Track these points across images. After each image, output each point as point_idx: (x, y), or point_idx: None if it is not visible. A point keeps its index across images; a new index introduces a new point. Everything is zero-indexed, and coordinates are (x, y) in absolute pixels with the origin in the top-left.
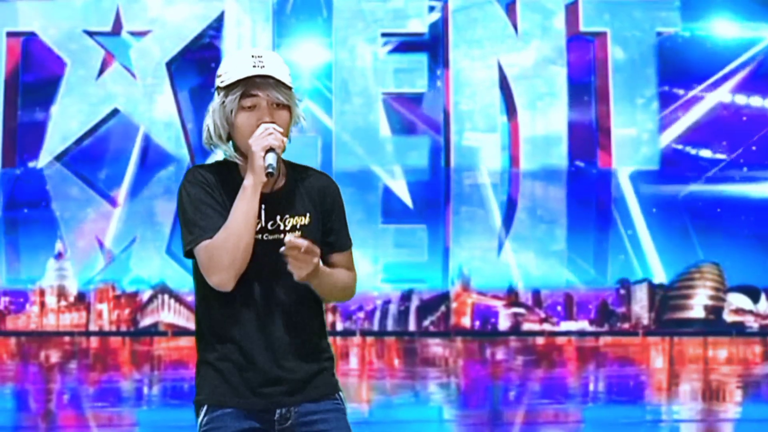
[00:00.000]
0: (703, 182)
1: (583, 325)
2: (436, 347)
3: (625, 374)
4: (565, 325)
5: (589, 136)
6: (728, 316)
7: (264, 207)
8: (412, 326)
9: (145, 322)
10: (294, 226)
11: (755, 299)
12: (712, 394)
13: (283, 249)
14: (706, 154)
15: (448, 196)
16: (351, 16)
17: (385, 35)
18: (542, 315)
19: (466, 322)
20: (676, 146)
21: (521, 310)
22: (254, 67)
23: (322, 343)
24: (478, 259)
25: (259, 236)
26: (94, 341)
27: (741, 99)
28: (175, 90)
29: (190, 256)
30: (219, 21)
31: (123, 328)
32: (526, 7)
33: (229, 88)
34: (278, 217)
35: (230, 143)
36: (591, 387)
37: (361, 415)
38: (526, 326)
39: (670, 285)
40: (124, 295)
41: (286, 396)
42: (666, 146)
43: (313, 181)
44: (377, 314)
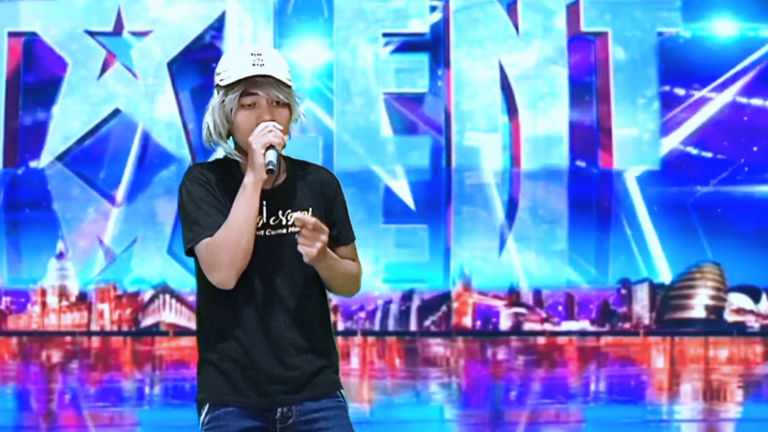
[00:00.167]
0: (704, 182)
1: (584, 324)
2: (437, 347)
3: (626, 374)
4: (566, 325)
5: (590, 136)
6: (729, 316)
7: (265, 203)
8: (413, 326)
9: (147, 322)
10: None
11: (756, 299)
12: (713, 394)
13: (295, 216)
14: (707, 154)
15: (449, 196)
16: (352, 16)
17: (386, 35)
18: (543, 315)
19: (467, 322)
20: (677, 146)
21: (522, 310)
22: (254, 65)
23: (325, 340)
24: (480, 259)
25: (262, 232)
26: (96, 341)
27: (743, 100)
28: (177, 90)
29: (192, 254)
30: (220, 21)
31: (124, 328)
32: (527, 7)
33: (229, 87)
34: (280, 213)
35: (230, 141)
36: (592, 387)
37: (363, 415)
38: (528, 326)
39: (671, 285)
40: (126, 295)
41: (288, 394)
42: (667, 146)
43: (314, 176)
44: (378, 314)
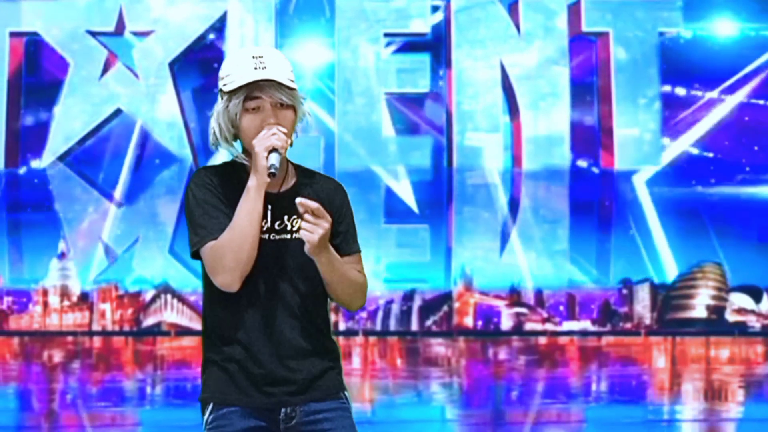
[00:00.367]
0: (705, 183)
1: (586, 324)
2: (438, 347)
3: (628, 374)
4: (568, 325)
5: (591, 136)
6: (730, 316)
7: (271, 207)
8: (414, 326)
9: (148, 321)
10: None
11: (757, 299)
12: (714, 394)
13: (299, 200)
14: (708, 154)
15: (451, 196)
16: (354, 17)
17: (387, 35)
18: (545, 315)
19: (468, 321)
20: (679, 146)
21: (524, 310)
22: (256, 69)
23: (328, 342)
24: (481, 259)
25: (266, 236)
26: (97, 341)
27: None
28: (178, 90)
29: (197, 257)
30: (222, 21)
31: (126, 328)
32: (529, 8)
33: (233, 92)
34: (285, 217)
35: (237, 144)
36: (593, 387)
37: (364, 415)
38: (529, 326)
39: (672, 285)
40: (127, 295)
41: (291, 395)
42: (673, 148)
43: (322, 185)
44: (380, 314)
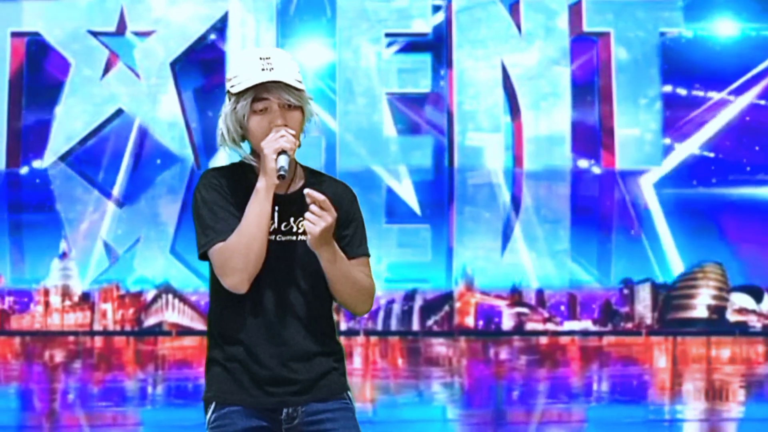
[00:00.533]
0: (707, 183)
1: (587, 324)
2: (439, 347)
3: (629, 374)
4: (569, 325)
5: (592, 136)
6: (731, 316)
7: (278, 208)
8: (415, 326)
9: (150, 321)
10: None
11: (758, 299)
12: (715, 394)
13: (307, 191)
14: (709, 154)
15: (452, 196)
16: (355, 17)
17: (388, 35)
18: (546, 315)
19: (469, 321)
20: (680, 146)
21: (525, 310)
22: (263, 70)
23: (332, 343)
24: (482, 259)
25: (273, 237)
26: (99, 341)
27: (744, 100)
28: (179, 90)
29: (205, 258)
30: (223, 21)
31: (127, 328)
32: (530, 8)
33: (240, 93)
34: (292, 219)
35: (245, 145)
36: (594, 386)
37: (365, 415)
38: (530, 326)
39: (673, 285)
40: (129, 295)
41: (294, 396)
42: (669, 147)
43: (330, 188)
44: (381, 314)
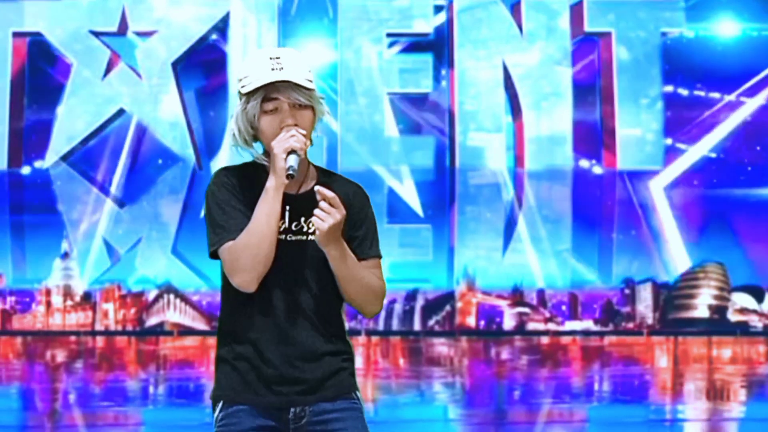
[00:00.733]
0: (708, 182)
1: (588, 324)
2: (441, 347)
3: (630, 374)
4: (570, 325)
5: (593, 136)
6: (732, 316)
7: (289, 208)
8: (417, 326)
9: (151, 321)
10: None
11: (759, 299)
12: (717, 394)
13: (317, 188)
14: (711, 154)
15: (453, 196)
16: (356, 17)
17: (390, 35)
18: (547, 314)
19: (471, 321)
20: (681, 146)
21: (526, 310)
22: (273, 70)
23: (341, 343)
24: (483, 259)
25: (283, 236)
26: (100, 341)
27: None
28: (181, 90)
29: (215, 257)
30: (224, 21)
31: (129, 328)
32: (531, 8)
33: (250, 94)
34: (302, 219)
35: (257, 146)
36: (595, 386)
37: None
38: (531, 326)
39: (674, 285)
40: (130, 295)
41: (302, 395)
42: (670, 146)
43: (342, 188)
44: (382, 314)
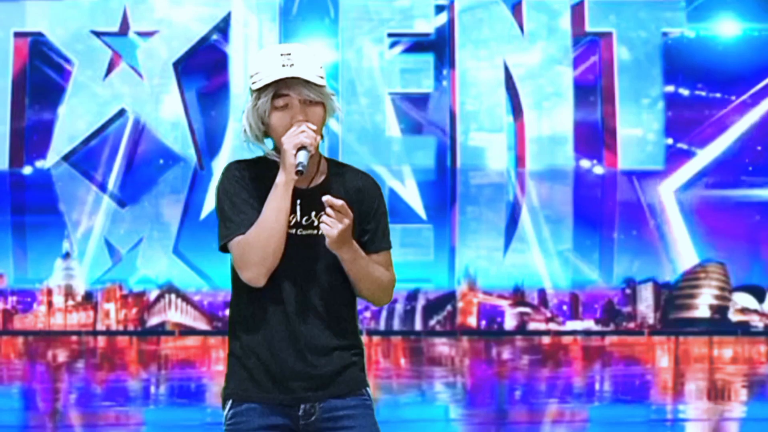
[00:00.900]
0: (709, 182)
1: (589, 324)
2: (442, 346)
3: (631, 373)
4: (571, 325)
5: (594, 136)
6: (733, 316)
7: (300, 202)
8: (418, 326)
9: (152, 321)
10: None
11: (760, 299)
12: (718, 394)
13: (325, 199)
14: (712, 154)
15: (454, 196)
16: (358, 17)
17: (391, 35)
18: (548, 314)
19: (472, 321)
20: (682, 146)
21: (527, 310)
22: (284, 66)
23: (352, 337)
24: (484, 259)
25: (293, 231)
26: (102, 340)
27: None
28: (182, 90)
29: (225, 250)
30: (226, 21)
31: (130, 328)
32: (532, 8)
33: (261, 90)
34: (313, 213)
35: (268, 142)
36: (597, 386)
37: None
38: (532, 326)
39: (675, 284)
40: (131, 295)
41: (312, 391)
42: (671, 146)
43: (353, 181)
44: (383, 314)
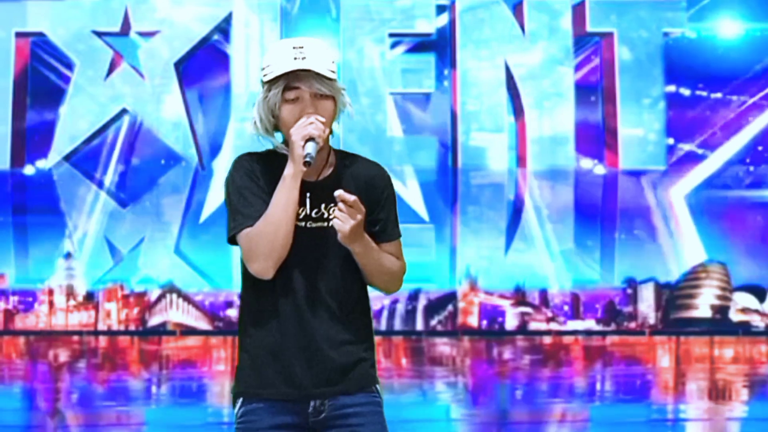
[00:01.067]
0: (710, 182)
1: (590, 324)
2: (443, 346)
3: (632, 373)
4: (572, 325)
5: (596, 136)
6: (734, 316)
7: (309, 195)
8: (419, 326)
9: (154, 321)
10: None
11: (761, 299)
12: (719, 393)
13: (337, 194)
14: (713, 154)
15: (456, 195)
16: (359, 17)
17: (392, 35)
18: (549, 314)
19: (473, 321)
20: (683, 146)
21: (528, 310)
22: (295, 59)
23: (363, 332)
24: (485, 259)
25: (303, 224)
26: (103, 340)
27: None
28: (183, 90)
29: (233, 242)
30: (227, 21)
31: (131, 328)
32: (533, 8)
33: (272, 82)
34: (323, 206)
35: (278, 135)
36: (598, 386)
37: None
38: (533, 325)
39: (676, 284)
40: (133, 295)
41: (321, 386)
42: (673, 146)
43: (362, 171)
44: (385, 313)
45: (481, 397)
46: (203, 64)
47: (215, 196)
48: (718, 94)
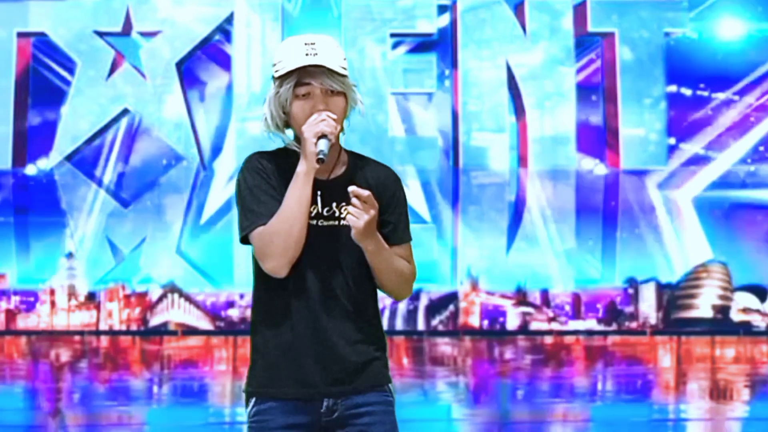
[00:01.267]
0: (711, 182)
1: (591, 324)
2: (444, 346)
3: (633, 373)
4: (573, 325)
5: (597, 136)
6: (735, 316)
7: (321, 193)
8: (420, 325)
9: (155, 321)
10: None
11: (762, 298)
12: (720, 393)
13: (351, 189)
14: (714, 154)
15: (457, 195)
16: (360, 17)
17: (394, 36)
18: (550, 314)
19: (474, 321)
20: (684, 146)
21: (529, 310)
22: (307, 55)
23: (375, 331)
24: (487, 259)
25: (315, 222)
26: (104, 340)
27: (749, 100)
28: (185, 90)
29: (246, 242)
30: (228, 21)
31: (133, 328)
32: (535, 8)
33: (284, 78)
34: (334, 204)
35: (289, 132)
36: (599, 386)
37: None
38: (535, 325)
39: (677, 284)
40: (134, 295)
41: (334, 385)
42: (674, 146)
43: (374, 172)
44: (386, 313)
45: (483, 396)
46: (205, 65)
47: (217, 196)
48: (720, 95)
